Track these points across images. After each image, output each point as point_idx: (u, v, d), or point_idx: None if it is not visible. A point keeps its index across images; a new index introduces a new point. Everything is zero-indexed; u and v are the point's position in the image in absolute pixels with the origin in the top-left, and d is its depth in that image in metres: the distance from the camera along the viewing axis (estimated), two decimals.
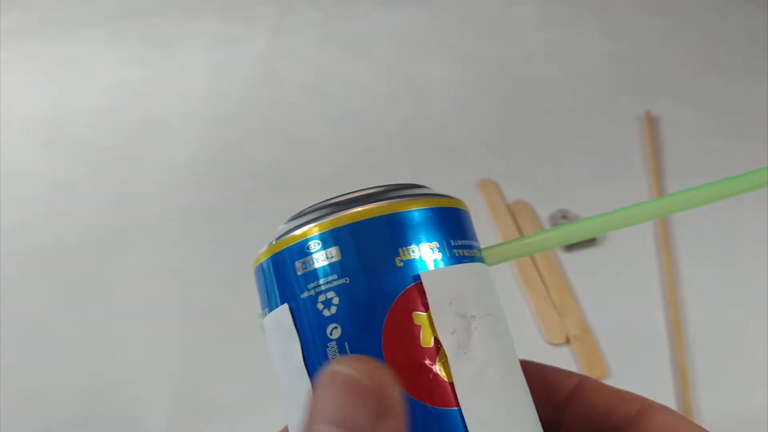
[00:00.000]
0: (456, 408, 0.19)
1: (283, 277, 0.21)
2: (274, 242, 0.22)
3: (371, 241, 0.20)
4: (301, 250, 0.20)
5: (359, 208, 0.20)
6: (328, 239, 0.20)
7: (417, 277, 0.20)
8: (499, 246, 0.23)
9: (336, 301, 0.20)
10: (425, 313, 0.19)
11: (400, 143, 0.78)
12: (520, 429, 0.20)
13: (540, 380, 0.23)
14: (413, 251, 0.20)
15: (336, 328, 0.19)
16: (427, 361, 0.19)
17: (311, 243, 0.20)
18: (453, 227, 0.21)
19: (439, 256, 0.20)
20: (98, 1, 1.04)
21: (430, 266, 0.20)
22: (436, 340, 0.19)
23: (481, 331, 0.20)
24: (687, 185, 0.67)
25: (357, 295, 0.19)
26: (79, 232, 0.70)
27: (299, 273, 0.20)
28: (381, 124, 0.81)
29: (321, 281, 0.20)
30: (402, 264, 0.20)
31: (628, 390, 0.24)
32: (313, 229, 0.20)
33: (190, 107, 0.86)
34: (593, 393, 0.24)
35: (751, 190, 0.24)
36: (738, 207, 0.67)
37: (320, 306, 0.20)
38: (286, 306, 0.21)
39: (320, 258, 0.20)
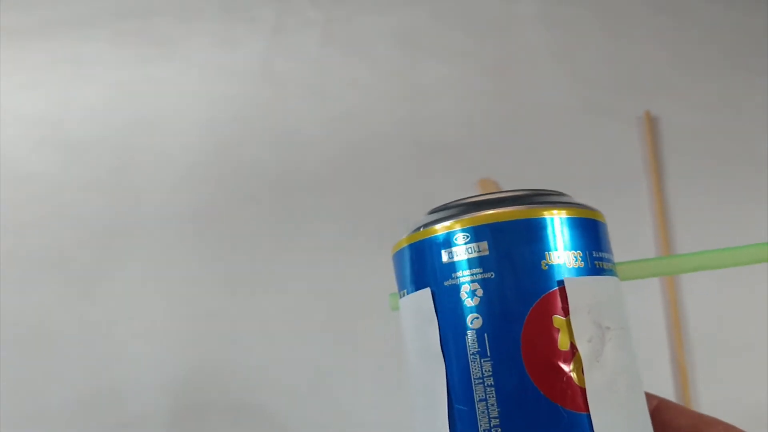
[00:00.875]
0: (585, 413, 0.20)
1: (427, 263, 0.22)
2: (421, 229, 0.22)
3: (520, 242, 0.21)
4: (448, 240, 0.21)
5: (510, 209, 0.21)
6: (477, 233, 0.21)
7: (560, 282, 0.21)
8: (632, 263, 0.24)
9: (480, 293, 0.21)
10: (565, 318, 0.20)
11: (400, 143, 0.78)
12: None
13: None
14: (558, 257, 0.21)
15: (477, 318, 0.20)
16: (563, 364, 0.20)
17: (459, 235, 0.21)
18: (595, 239, 0.22)
19: (581, 264, 0.21)
20: (98, 1, 1.04)
21: (573, 274, 0.21)
22: (573, 345, 0.20)
23: (614, 342, 0.21)
24: (687, 185, 0.67)
25: (501, 290, 0.20)
26: (79, 232, 0.70)
27: (444, 261, 0.21)
28: (381, 124, 0.81)
29: (466, 272, 0.21)
30: (547, 267, 0.21)
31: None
32: (462, 222, 0.21)
33: (190, 107, 0.86)
34: (675, 415, 0.24)
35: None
36: (738, 207, 0.67)
37: (463, 295, 0.21)
38: (428, 290, 0.21)
39: (468, 250, 0.21)
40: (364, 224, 0.68)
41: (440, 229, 0.22)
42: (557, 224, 0.21)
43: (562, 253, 0.21)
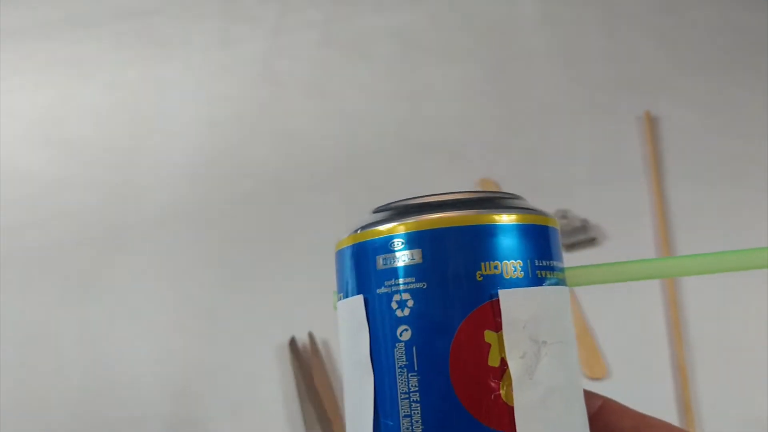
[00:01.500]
0: None
1: (362, 267, 0.21)
2: (359, 231, 0.22)
3: (456, 250, 0.20)
4: (385, 246, 0.20)
5: (448, 214, 0.20)
6: (412, 240, 0.20)
7: (495, 295, 0.20)
8: (583, 268, 0.23)
9: (411, 303, 0.20)
10: (497, 333, 0.19)
11: (400, 143, 0.78)
12: None
13: None
14: (495, 267, 0.20)
15: (406, 330, 0.20)
16: (491, 381, 0.19)
17: (396, 241, 0.20)
18: (539, 246, 0.21)
19: (521, 275, 0.20)
20: (98, 1, 1.04)
21: (511, 285, 0.20)
22: (503, 361, 0.19)
23: (551, 358, 0.20)
24: (687, 185, 0.67)
25: (432, 302, 0.19)
26: (79, 232, 0.70)
27: (379, 268, 0.20)
28: (381, 124, 0.81)
29: (399, 281, 0.20)
30: (482, 278, 0.20)
31: (627, 399, 0.24)
32: (399, 227, 0.20)
33: (190, 107, 0.86)
34: (618, 416, 0.24)
35: None
36: (738, 207, 0.67)
37: (394, 305, 0.20)
38: (361, 297, 0.21)
39: (402, 258, 0.20)
40: None
41: (377, 233, 0.21)
42: (496, 231, 0.20)
43: (499, 262, 0.20)
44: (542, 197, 0.69)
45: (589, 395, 0.24)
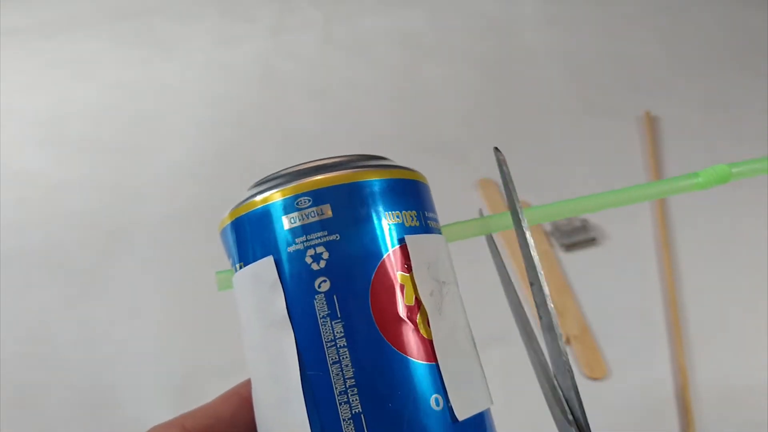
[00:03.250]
0: (434, 363, 0.21)
1: (268, 230, 0.22)
2: (257, 197, 0.22)
3: (362, 203, 0.21)
4: (291, 205, 0.21)
5: (349, 171, 0.22)
6: (319, 197, 0.21)
7: (402, 240, 0.21)
8: (454, 225, 0.26)
9: (326, 255, 0.21)
10: (408, 274, 0.21)
11: (400, 143, 0.78)
12: (481, 384, 0.22)
13: None
14: (398, 216, 0.22)
15: (324, 281, 0.21)
16: (410, 318, 0.21)
17: (302, 199, 0.21)
18: (426, 200, 0.24)
19: (417, 224, 0.22)
20: (98, 1, 1.04)
21: (411, 232, 0.22)
22: (417, 300, 0.21)
23: (450, 296, 0.22)
24: None
25: (347, 252, 0.21)
26: (79, 231, 0.70)
27: (287, 228, 0.21)
28: (381, 124, 0.81)
29: (311, 236, 0.21)
30: (388, 227, 0.21)
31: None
32: (303, 186, 0.21)
33: (190, 107, 0.86)
34: None
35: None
36: (738, 206, 0.67)
37: (309, 260, 0.21)
38: (270, 258, 0.21)
39: (311, 214, 0.21)
40: None
41: (279, 195, 0.22)
42: (396, 186, 0.22)
43: (400, 213, 0.22)
44: (542, 197, 0.69)
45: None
